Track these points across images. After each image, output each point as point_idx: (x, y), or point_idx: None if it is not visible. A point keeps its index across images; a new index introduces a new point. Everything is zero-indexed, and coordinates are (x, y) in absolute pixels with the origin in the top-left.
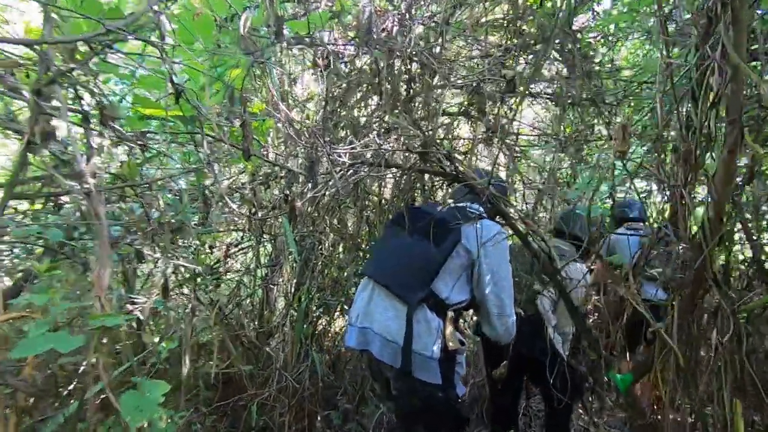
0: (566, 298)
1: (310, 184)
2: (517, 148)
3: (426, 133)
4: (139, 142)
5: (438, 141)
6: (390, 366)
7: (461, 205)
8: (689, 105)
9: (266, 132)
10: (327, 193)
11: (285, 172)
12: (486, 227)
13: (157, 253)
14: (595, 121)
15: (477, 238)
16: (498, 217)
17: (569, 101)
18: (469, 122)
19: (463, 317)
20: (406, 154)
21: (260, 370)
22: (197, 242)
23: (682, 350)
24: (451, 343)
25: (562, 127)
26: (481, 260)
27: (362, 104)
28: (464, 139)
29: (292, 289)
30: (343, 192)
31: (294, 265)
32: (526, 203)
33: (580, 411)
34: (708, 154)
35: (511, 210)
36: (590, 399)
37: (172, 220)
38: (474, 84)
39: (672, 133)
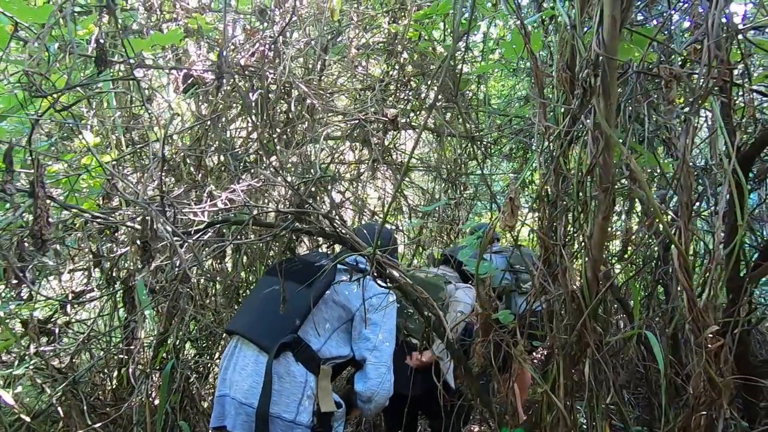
0: (450, 347)
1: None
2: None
3: (301, 191)
4: None
5: (323, 166)
6: None
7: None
8: (566, 168)
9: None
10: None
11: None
12: (371, 284)
13: None
14: (472, 152)
15: (363, 291)
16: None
17: (448, 135)
18: (353, 148)
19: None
20: (280, 207)
21: None
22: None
23: (567, 409)
24: (323, 404)
25: (443, 156)
26: (360, 312)
27: (232, 128)
28: (349, 164)
29: (152, 352)
30: (193, 265)
31: (154, 318)
32: (412, 227)
33: None
34: (586, 217)
35: (398, 273)
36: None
37: None
38: (356, 121)
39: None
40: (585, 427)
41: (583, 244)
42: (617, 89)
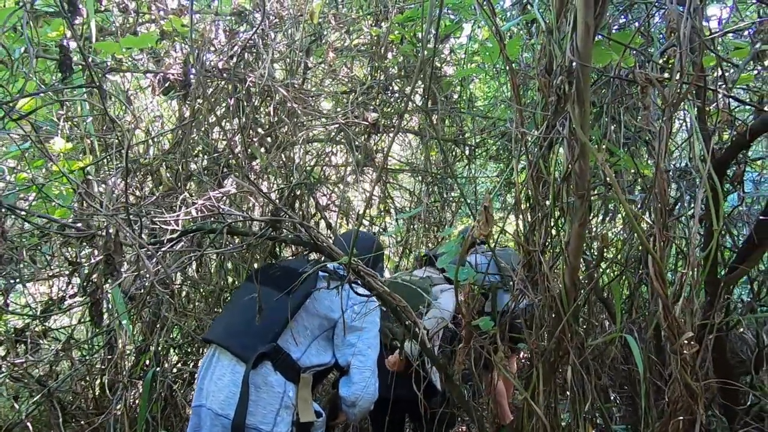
0: (430, 355)
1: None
2: (387, 177)
3: (275, 199)
4: None
5: (308, 168)
6: None
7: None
8: (546, 173)
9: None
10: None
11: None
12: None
13: None
14: (454, 155)
15: (343, 299)
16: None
17: (433, 138)
18: (335, 152)
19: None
20: (263, 211)
21: None
22: None
23: (550, 413)
24: (302, 414)
25: (429, 158)
26: (341, 319)
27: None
28: (334, 167)
29: (134, 359)
30: (162, 276)
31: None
32: (398, 230)
33: None
34: (563, 223)
35: (374, 282)
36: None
37: None
38: (337, 125)
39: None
40: (570, 427)
41: (560, 250)
42: (591, 95)
